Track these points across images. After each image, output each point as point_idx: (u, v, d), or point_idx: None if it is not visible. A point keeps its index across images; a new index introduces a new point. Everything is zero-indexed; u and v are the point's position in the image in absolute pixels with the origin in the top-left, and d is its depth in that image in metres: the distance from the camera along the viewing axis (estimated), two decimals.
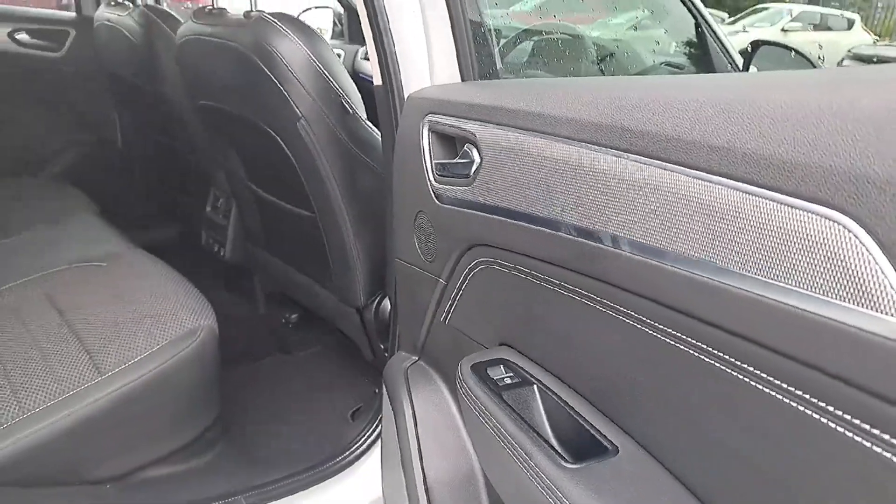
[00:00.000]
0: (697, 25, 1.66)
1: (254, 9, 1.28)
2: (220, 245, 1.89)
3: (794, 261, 0.44)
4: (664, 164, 0.53)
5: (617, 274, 0.58)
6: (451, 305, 0.93)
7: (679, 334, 0.54)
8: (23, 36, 2.13)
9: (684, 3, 1.61)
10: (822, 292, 0.43)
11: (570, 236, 0.63)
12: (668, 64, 1.77)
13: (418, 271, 0.98)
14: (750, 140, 0.47)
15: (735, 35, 9.89)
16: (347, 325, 1.52)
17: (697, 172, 0.50)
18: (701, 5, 1.64)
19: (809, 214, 0.43)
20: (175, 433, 1.19)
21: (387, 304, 1.36)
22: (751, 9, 12.34)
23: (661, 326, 0.55)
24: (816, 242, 0.43)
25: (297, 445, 1.36)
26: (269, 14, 1.24)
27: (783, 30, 10.90)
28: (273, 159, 1.34)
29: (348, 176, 1.28)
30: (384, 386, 1.10)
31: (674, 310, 0.53)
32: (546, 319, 0.74)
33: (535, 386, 0.75)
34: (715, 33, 1.65)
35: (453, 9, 0.97)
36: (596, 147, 0.60)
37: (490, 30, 1.09)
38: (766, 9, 12.15)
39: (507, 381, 0.76)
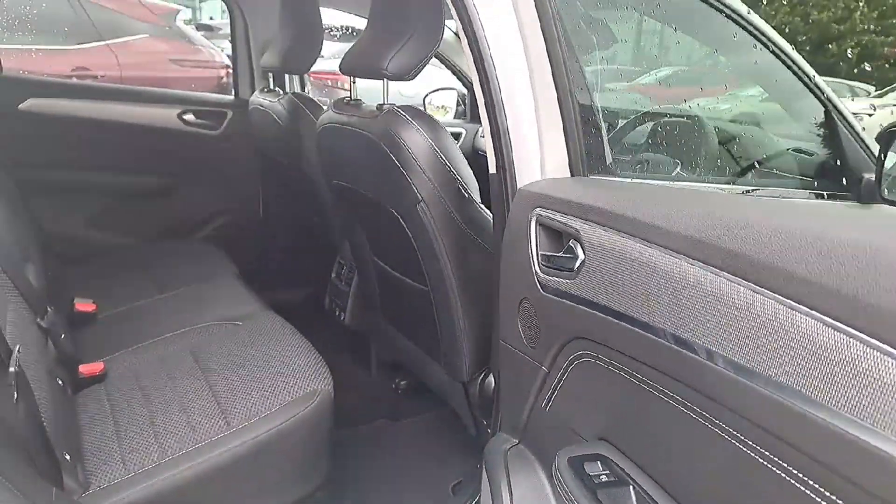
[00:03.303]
0: (827, 111, 1.60)
1: (386, 102, 1.41)
2: (341, 310, 2.02)
3: (877, 402, 0.44)
4: (756, 287, 0.53)
5: (711, 387, 0.59)
6: (552, 393, 0.94)
7: (769, 454, 0.53)
8: (189, 116, 2.45)
9: (814, 94, 1.57)
10: None
11: (667, 343, 0.64)
12: (798, 150, 1.71)
13: (521, 356, 1.01)
14: (837, 279, 0.48)
15: (884, 109, 9.20)
16: (453, 397, 1.56)
17: (788, 301, 0.51)
18: (831, 93, 1.59)
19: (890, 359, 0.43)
20: (288, 490, 1.26)
21: (491, 380, 1.39)
22: None
23: (752, 444, 0.55)
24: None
25: None
26: (398, 107, 1.37)
27: None
28: (394, 236, 1.44)
29: (460, 255, 1.35)
30: (484, 466, 1.12)
31: (765, 431, 0.52)
32: (644, 420, 0.74)
33: (631, 487, 0.75)
34: (846, 120, 1.58)
35: (564, 107, 1.03)
36: (692, 260, 0.61)
37: (601, 123, 1.13)
38: None
39: (604, 478, 0.76)
